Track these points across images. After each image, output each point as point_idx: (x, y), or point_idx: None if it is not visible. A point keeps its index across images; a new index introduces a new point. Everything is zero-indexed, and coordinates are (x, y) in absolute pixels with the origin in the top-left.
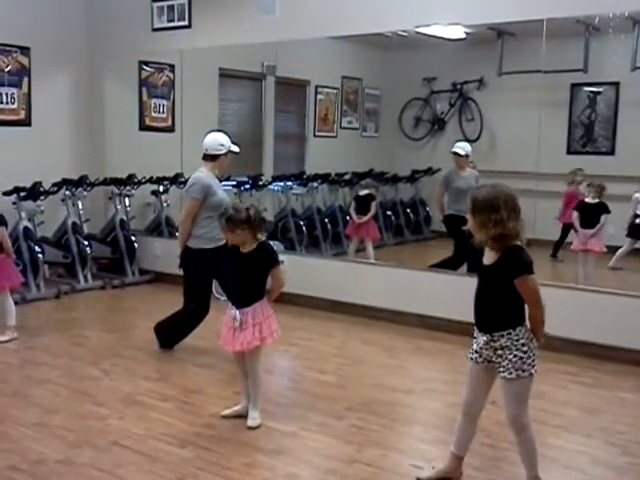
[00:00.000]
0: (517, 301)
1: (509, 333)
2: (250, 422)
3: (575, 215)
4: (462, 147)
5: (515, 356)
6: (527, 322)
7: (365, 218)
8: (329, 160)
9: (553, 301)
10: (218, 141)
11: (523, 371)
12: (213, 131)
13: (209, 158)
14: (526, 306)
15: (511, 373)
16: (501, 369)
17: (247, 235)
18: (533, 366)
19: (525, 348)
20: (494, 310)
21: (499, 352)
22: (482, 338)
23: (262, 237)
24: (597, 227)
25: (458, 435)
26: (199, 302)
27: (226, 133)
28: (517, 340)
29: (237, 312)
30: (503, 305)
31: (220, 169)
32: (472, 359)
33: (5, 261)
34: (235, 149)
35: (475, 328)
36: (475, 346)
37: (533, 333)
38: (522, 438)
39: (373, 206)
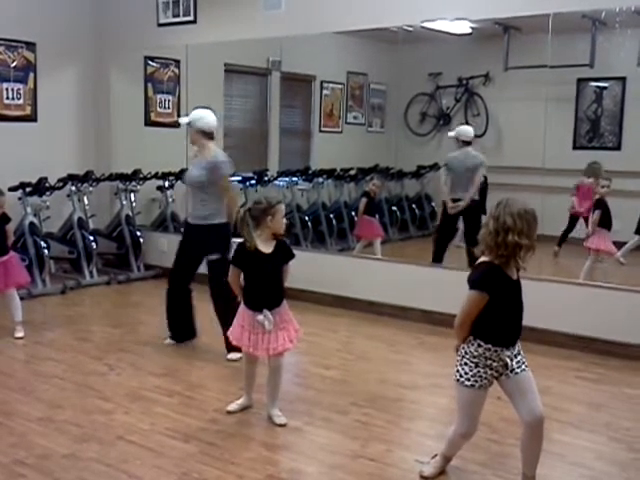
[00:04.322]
0: None
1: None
2: (281, 420)
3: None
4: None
5: (521, 351)
6: None
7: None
8: (334, 155)
9: (558, 297)
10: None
11: None
12: (199, 107)
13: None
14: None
15: (527, 366)
16: (519, 365)
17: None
18: None
19: None
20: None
21: (516, 355)
22: (508, 352)
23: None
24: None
25: (451, 447)
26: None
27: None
28: None
29: (268, 313)
30: None
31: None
32: (482, 386)
33: (13, 260)
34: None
35: (493, 351)
36: (487, 371)
37: None
38: (540, 432)
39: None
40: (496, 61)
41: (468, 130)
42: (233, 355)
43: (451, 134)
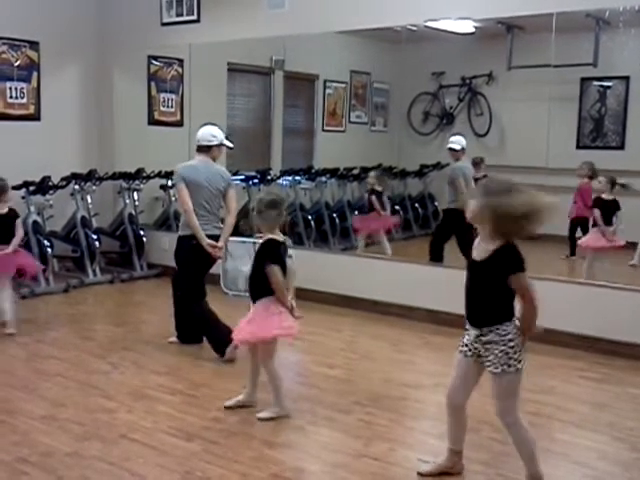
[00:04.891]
0: (507, 297)
1: (497, 328)
2: (261, 414)
3: (597, 213)
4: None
5: (501, 351)
6: (516, 318)
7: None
8: (337, 155)
9: (563, 296)
10: (211, 132)
11: (509, 366)
12: (207, 124)
13: (204, 149)
14: (516, 302)
15: (497, 368)
16: (487, 363)
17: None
18: (519, 361)
19: (512, 344)
20: (484, 305)
21: (487, 346)
22: (473, 332)
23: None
24: (615, 225)
25: (450, 430)
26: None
27: (220, 127)
28: (504, 335)
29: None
30: (493, 301)
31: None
32: (461, 352)
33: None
34: (228, 144)
35: (467, 321)
36: (466, 339)
37: (523, 330)
38: (512, 434)
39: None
40: (499, 60)
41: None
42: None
43: (457, 147)
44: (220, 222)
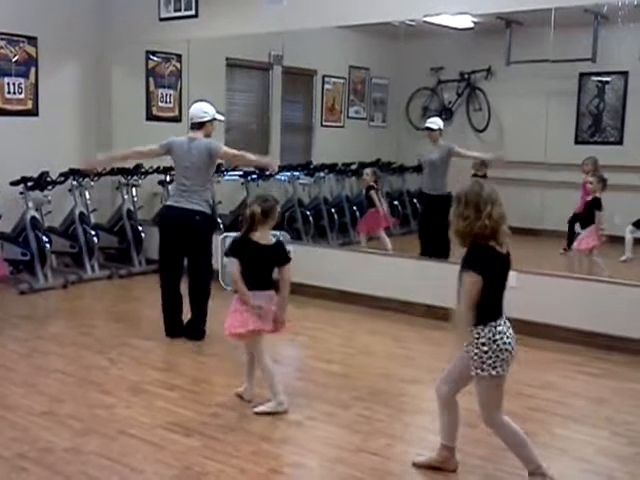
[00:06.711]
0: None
1: (471, 330)
2: (258, 408)
3: (598, 214)
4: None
5: (476, 354)
6: (495, 323)
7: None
8: (336, 150)
9: (560, 291)
10: (202, 109)
11: (482, 370)
12: (198, 101)
13: (196, 126)
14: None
15: (472, 370)
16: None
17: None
18: (494, 367)
19: (485, 348)
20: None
21: (467, 347)
22: None
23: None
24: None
25: (440, 423)
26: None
27: (211, 103)
28: (477, 339)
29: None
30: None
31: (206, 137)
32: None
33: None
34: (220, 117)
35: None
36: None
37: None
38: (500, 438)
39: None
40: (498, 55)
41: None
42: None
43: (435, 127)
44: (203, 202)
